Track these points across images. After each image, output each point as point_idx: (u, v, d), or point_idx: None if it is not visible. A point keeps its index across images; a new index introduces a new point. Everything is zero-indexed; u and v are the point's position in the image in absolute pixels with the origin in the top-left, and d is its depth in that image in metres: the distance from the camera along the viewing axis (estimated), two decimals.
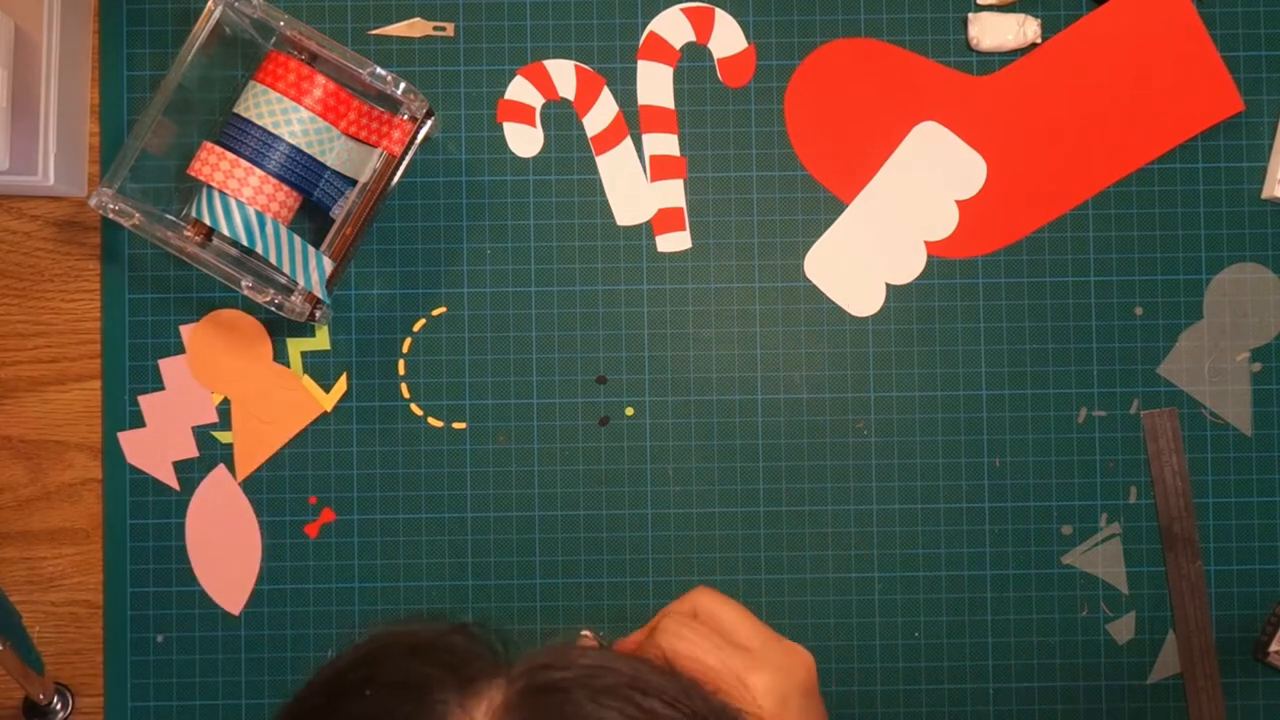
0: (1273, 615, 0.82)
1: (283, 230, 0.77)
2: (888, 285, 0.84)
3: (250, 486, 0.83)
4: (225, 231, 0.76)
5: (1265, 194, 0.83)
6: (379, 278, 0.83)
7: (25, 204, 0.84)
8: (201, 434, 0.83)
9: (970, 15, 0.83)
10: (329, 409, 0.83)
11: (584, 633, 0.82)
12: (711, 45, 0.84)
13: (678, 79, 0.84)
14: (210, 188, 0.77)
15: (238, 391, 0.83)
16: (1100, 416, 0.83)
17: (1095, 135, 0.83)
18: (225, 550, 0.83)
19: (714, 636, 0.69)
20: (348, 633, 0.83)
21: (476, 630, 0.46)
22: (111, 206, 0.75)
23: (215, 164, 0.77)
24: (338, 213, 0.80)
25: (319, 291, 0.77)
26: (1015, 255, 0.83)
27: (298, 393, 0.83)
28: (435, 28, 0.84)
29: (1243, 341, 0.83)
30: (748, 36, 0.84)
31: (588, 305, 0.83)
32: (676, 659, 0.69)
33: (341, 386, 0.83)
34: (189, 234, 0.78)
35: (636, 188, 0.84)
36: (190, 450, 0.83)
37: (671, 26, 0.84)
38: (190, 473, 0.83)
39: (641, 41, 0.84)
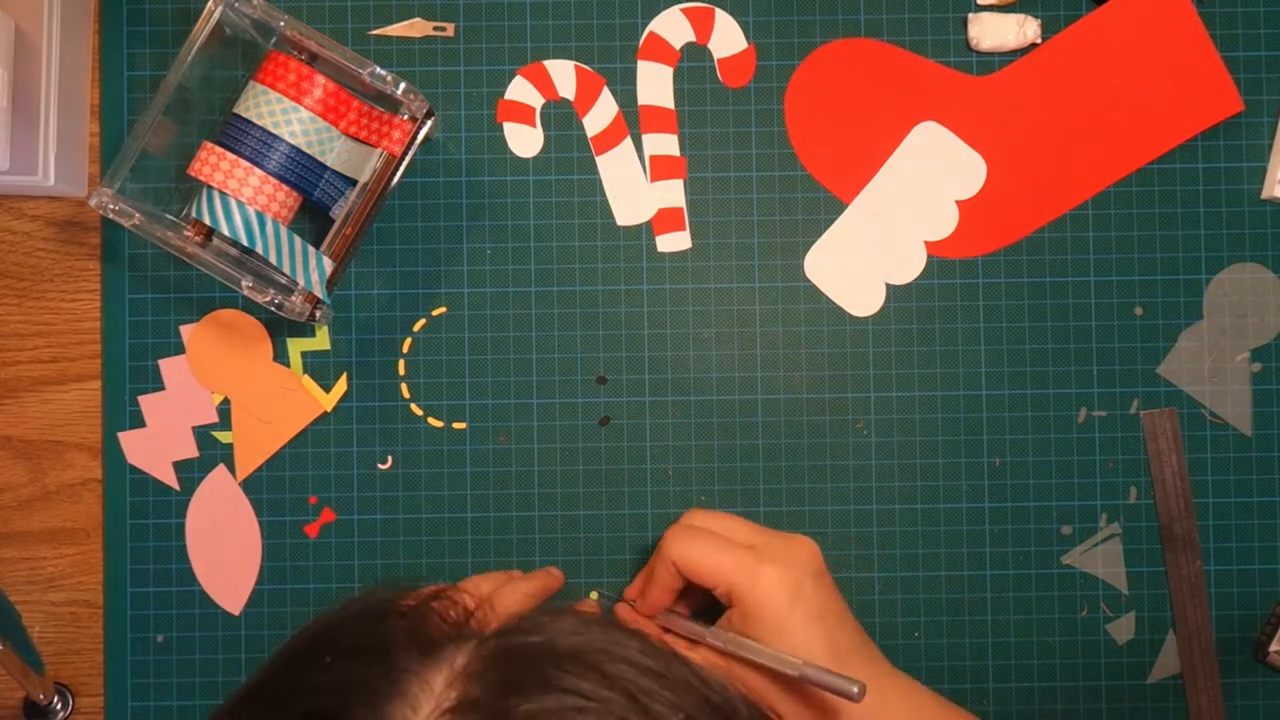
0: (1273, 615, 0.82)
1: (283, 230, 0.77)
2: (888, 285, 0.84)
3: (250, 486, 0.83)
4: (225, 231, 0.76)
5: (1265, 194, 0.83)
6: (379, 278, 0.83)
7: (25, 204, 0.84)
8: (201, 434, 0.83)
9: (970, 15, 0.83)
10: (329, 409, 0.83)
11: (592, 595, 0.83)
12: (711, 45, 0.84)
13: (678, 79, 0.84)
14: (210, 188, 0.77)
15: (238, 391, 0.83)
16: (1100, 416, 0.83)
17: (1095, 135, 0.83)
18: (225, 550, 0.83)
19: (718, 538, 0.70)
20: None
21: (451, 594, 0.45)
22: (111, 206, 0.75)
23: (215, 164, 0.77)
24: (338, 213, 0.80)
25: (319, 291, 0.77)
26: (1015, 255, 0.83)
27: (298, 393, 0.83)
28: (435, 28, 0.84)
29: (1243, 341, 0.83)
30: (748, 36, 0.84)
31: (588, 305, 0.83)
32: (686, 563, 0.71)
33: (341, 386, 0.83)
34: (189, 234, 0.78)
35: (636, 188, 0.84)
36: (190, 450, 0.83)
37: (671, 26, 0.84)
38: (190, 473, 0.83)
39: (641, 41, 0.84)
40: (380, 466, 0.83)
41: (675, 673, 0.42)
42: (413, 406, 0.83)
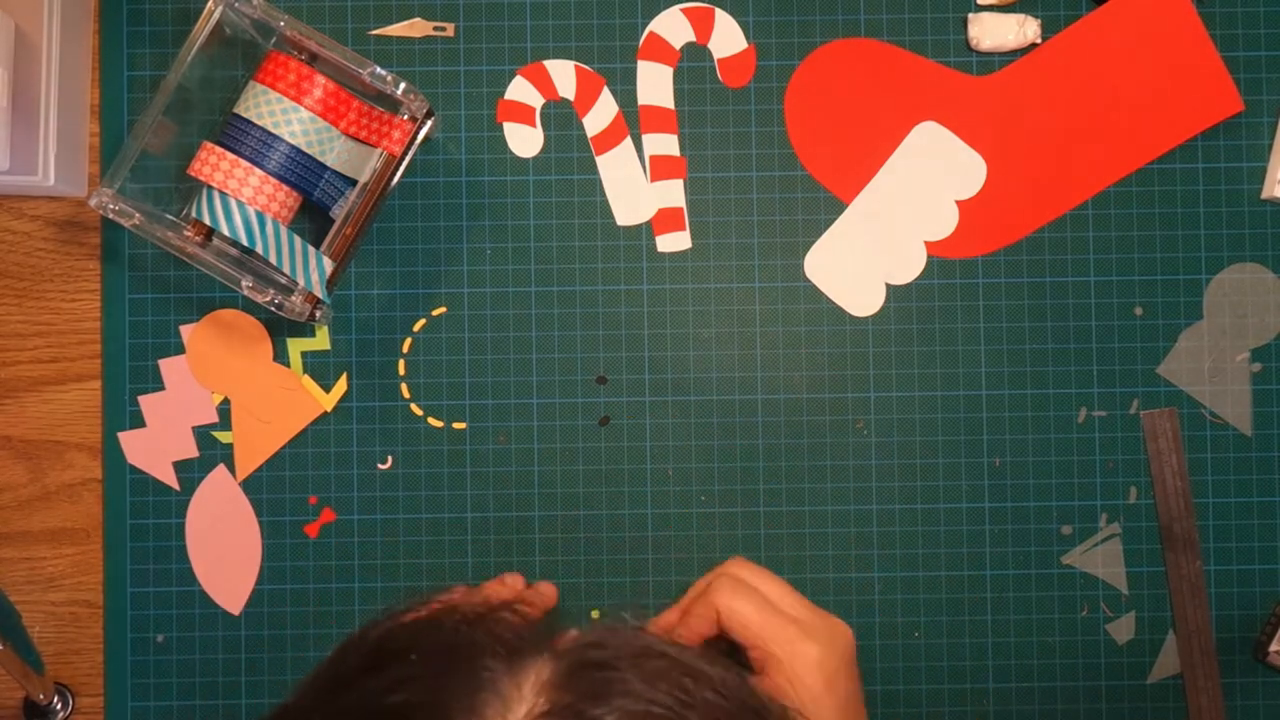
0: (1273, 615, 0.82)
1: (283, 230, 0.77)
2: (888, 285, 0.84)
3: (250, 486, 0.83)
4: (225, 231, 0.76)
5: (1265, 194, 0.83)
6: (379, 278, 0.83)
7: (25, 204, 0.84)
8: (201, 434, 0.83)
9: (970, 15, 0.83)
10: (329, 409, 0.83)
11: (594, 614, 0.82)
12: (711, 45, 0.84)
13: (678, 79, 0.84)
14: (210, 188, 0.77)
15: (238, 391, 0.83)
16: (1100, 416, 0.83)
17: (1095, 135, 0.83)
18: (225, 550, 0.83)
19: (768, 602, 0.70)
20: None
21: (519, 607, 0.47)
22: (111, 206, 0.75)
23: (215, 164, 0.77)
24: (338, 213, 0.80)
25: (319, 291, 0.77)
26: (1015, 255, 0.83)
27: (298, 393, 0.83)
28: (435, 28, 0.84)
29: (1242, 341, 0.83)
30: (748, 36, 0.84)
31: (588, 305, 0.83)
32: (733, 616, 0.70)
33: (341, 386, 0.83)
34: (189, 234, 0.78)
35: (636, 188, 0.84)
36: (190, 450, 0.83)
37: (671, 26, 0.84)
38: (190, 473, 0.83)
39: (641, 41, 0.84)
40: (380, 466, 0.83)
41: (745, 695, 0.45)
42: (413, 406, 0.83)
